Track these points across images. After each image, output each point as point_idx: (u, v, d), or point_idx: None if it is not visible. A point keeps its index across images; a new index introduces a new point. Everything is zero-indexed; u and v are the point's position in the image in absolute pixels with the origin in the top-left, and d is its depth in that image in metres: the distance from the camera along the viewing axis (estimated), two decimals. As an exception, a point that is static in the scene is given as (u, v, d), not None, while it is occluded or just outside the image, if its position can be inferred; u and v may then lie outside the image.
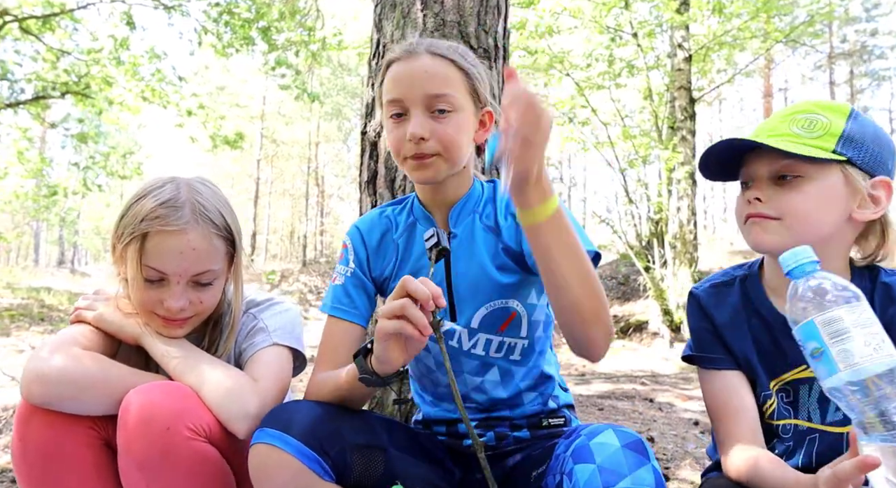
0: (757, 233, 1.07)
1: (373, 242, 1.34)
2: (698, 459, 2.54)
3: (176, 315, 1.20)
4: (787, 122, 1.06)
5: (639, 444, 0.91)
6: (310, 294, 15.79)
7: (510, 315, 1.27)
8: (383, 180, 2.20)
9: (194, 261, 1.17)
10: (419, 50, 1.19)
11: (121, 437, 1.04)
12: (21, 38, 10.45)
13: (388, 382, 1.02)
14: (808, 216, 1.03)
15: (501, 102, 0.89)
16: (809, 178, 1.03)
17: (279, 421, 1.03)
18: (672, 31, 9.20)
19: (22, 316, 8.72)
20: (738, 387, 1.13)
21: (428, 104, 1.16)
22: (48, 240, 33.75)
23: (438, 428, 1.35)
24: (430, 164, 1.18)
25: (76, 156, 12.99)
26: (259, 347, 1.27)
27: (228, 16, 10.09)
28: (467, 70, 1.21)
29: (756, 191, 1.07)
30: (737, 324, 1.14)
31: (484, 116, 1.27)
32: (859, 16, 17.62)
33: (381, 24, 2.35)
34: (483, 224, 1.29)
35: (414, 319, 0.92)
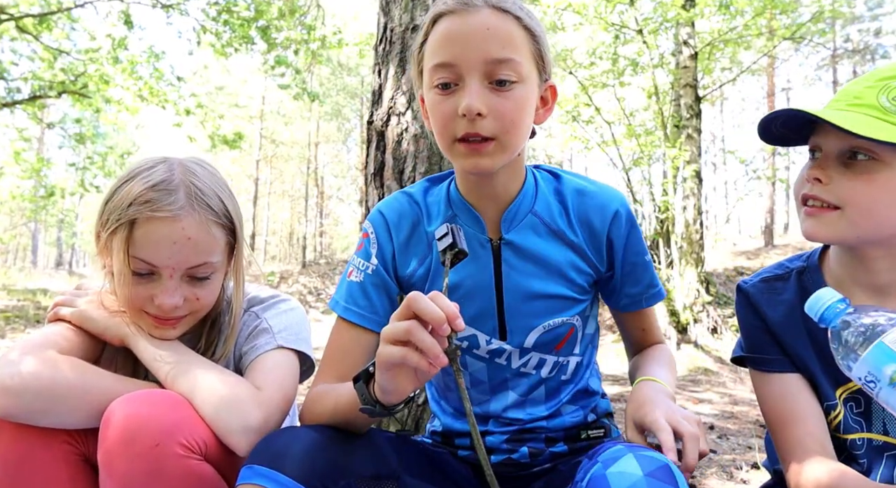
0: (810, 224, 0.93)
1: (402, 235, 1.11)
2: (724, 467, 2.41)
3: (169, 313, 1.05)
4: (876, 88, 0.88)
5: (665, 471, 0.75)
6: (309, 295, 15.67)
7: (568, 332, 1.11)
8: (391, 171, 2.08)
9: (190, 252, 1.02)
10: (477, 2, 0.94)
11: (101, 454, 0.89)
12: (18, 38, 10.36)
13: (394, 412, 0.85)
14: (875, 211, 0.88)
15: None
16: (885, 164, 0.86)
17: (270, 455, 0.85)
18: (678, 28, 9.09)
19: (17, 318, 8.60)
20: (800, 391, 0.99)
21: (488, 72, 0.93)
22: (46, 242, 33.62)
23: (461, 441, 1.18)
24: (487, 153, 0.95)
25: (74, 157, 12.87)
26: (262, 351, 1.11)
27: (227, 14, 10.00)
28: (535, 31, 0.97)
29: (818, 170, 0.91)
30: (793, 323, 1.00)
31: (546, 92, 1.04)
32: (863, 15, 17.53)
33: (388, 7, 2.23)
34: (547, 227, 1.08)
35: (423, 346, 0.74)
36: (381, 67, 2.21)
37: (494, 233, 1.08)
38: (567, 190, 1.10)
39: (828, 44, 16.38)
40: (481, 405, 1.16)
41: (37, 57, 10.65)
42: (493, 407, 1.15)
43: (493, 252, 1.07)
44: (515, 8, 0.96)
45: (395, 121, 2.09)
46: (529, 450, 1.13)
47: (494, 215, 1.08)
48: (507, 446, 1.13)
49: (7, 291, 11.05)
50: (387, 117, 2.12)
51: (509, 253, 1.07)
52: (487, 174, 1.00)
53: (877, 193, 0.87)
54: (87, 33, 10.84)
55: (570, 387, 1.16)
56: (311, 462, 0.85)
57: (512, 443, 1.13)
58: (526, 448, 1.13)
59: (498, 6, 0.94)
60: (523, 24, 0.96)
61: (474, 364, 1.13)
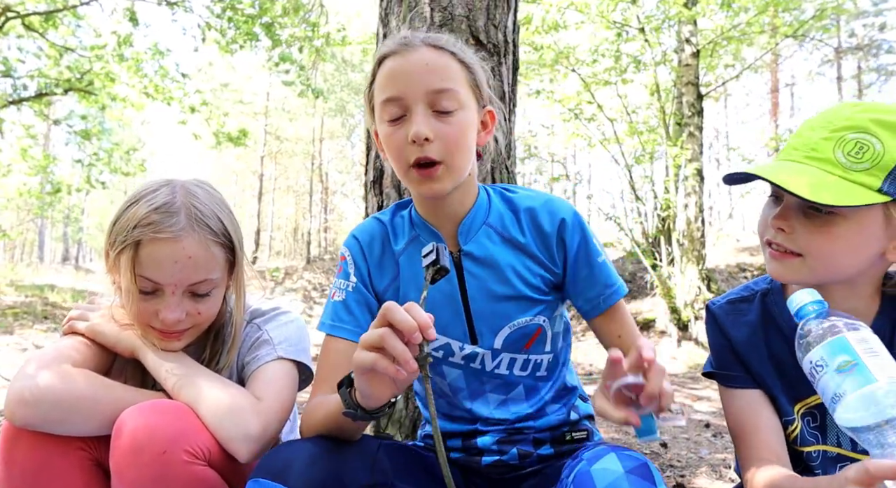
0: (775, 267, 0.98)
1: (374, 255, 1.22)
2: (714, 466, 2.47)
3: (172, 327, 1.13)
4: (833, 141, 0.90)
5: (644, 469, 0.83)
6: (314, 291, 15.75)
7: (535, 331, 1.19)
8: (390, 180, 2.14)
9: (191, 270, 1.10)
10: (415, 42, 1.08)
11: (113, 462, 0.97)
12: (24, 35, 10.43)
13: (376, 416, 0.92)
14: (834, 259, 0.93)
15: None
16: (843, 218, 0.90)
17: (273, 469, 0.91)
18: (680, 26, 9.10)
19: (25, 314, 8.70)
20: (760, 406, 1.06)
21: (431, 101, 1.05)
22: (53, 237, 33.83)
23: (453, 443, 1.26)
24: (437, 177, 1.06)
25: (80, 153, 12.93)
26: (263, 362, 1.19)
27: (231, 11, 10.04)
28: (468, 63, 1.11)
29: (781, 220, 0.95)
30: (755, 343, 1.07)
31: (485, 116, 1.16)
32: (867, 10, 17.44)
33: (386, 18, 2.28)
34: (501, 236, 1.18)
35: (394, 353, 0.79)
36: (380, 77, 2.27)
37: (454, 247, 1.19)
38: (519, 200, 1.21)
39: (831, 39, 16.31)
40: (466, 409, 1.24)
41: (43, 54, 10.72)
42: (476, 410, 1.23)
43: (455, 264, 1.17)
44: (449, 44, 1.10)
45: (394, 130, 2.16)
46: (519, 452, 1.20)
47: (451, 230, 1.18)
48: (496, 447, 1.21)
49: (15, 287, 11.16)
50: (386, 126, 2.18)
51: (469, 262, 1.17)
52: (441, 196, 1.11)
53: (835, 245, 0.92)
54: (93, 30, 10.88)
55: (548, 385, 1.23)
56: (311, 474, 0.91)
57: (501, 444, 1.21)
58: (515, 450, 1.20)
59: (434, 44, 1.08)
60: (458, 58, 1.10)
61: (451, 372, 1.22)
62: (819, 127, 0.94)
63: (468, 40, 2.14)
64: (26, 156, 11.13)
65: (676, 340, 8.37)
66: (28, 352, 5.91)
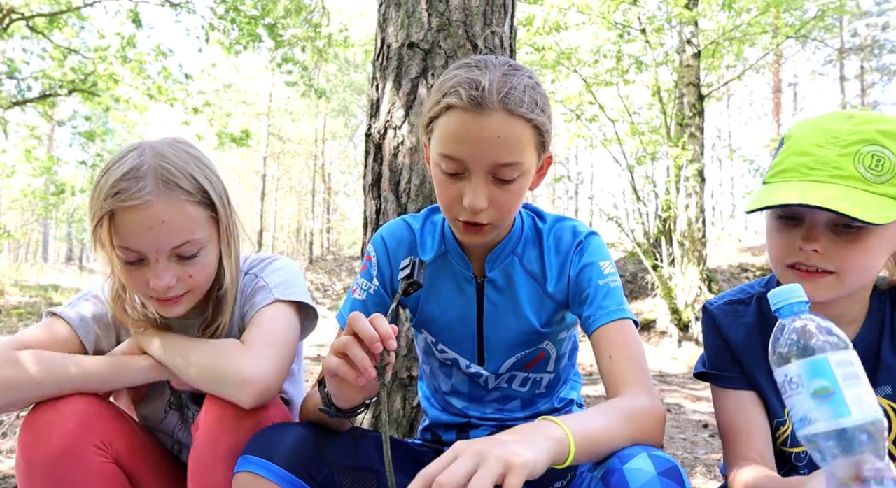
0: (809, 288, 0.91)
1: (400, 260, 1.21)
2: (709, 467, 2.49)
3: (165, 294, 1.09)
4: (851, 155, 0.90)
5: (675, 472, 0.82)
6: (316, 291, 15.79)
7: (539, 354, 1.22)
8: (388, 183, 2.17)
9: (168, 234, 1.05)
10: (492, 103, 0.95)
11: (206, 430, 1.03)
12: (28, 37, 10.49)
13: (350, 416, 0.97)
14: (868, 271, 0.95)
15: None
16: (873, 231, 0.91)
17: (262, 447, 0.98)
18: (681, 27, 9.11)
19: (30, 314, 8.75)
20: (752, 408, 1.07)
21: (494, 172, 0.99)
22: (57, 237, 33.93)
23: (448, 436, 1.30)
24: (484, 233, 1.06)
25: (83, 154, 12.99)
26: (259, 307, 1.19)
27: (234, 13, 10.07)
28: (542, 126, 1.01)
29: (814, 242, 0.93)
30: (752, 344, 1.08)
31: (543, 162, 1.10)
32: (870, 10, 17.41)
33: (384, 24, 2.31)
34: (524, 268, 1.18)
35: (355, 359, 0.85)
36: (378, 82, 2.30)
37: (479, 272, 1.19)
38: (546, 230, 1.20)
39: (834, 39, 16.28)
40: (462, 409, 1.29)
41: (47, 55, 10.77)
42: (472, 412, 1.28)
43: (477, 288, 1.19)
44: (528, 109, 0.98)
45: (392, 134, 2.18)
46: None
47: (481, 255, 1.18)
48: None
49: (19, 287, 11.21)
50: (384, 130, 2.21)
51: (491, 289, 1.18)
52: (483, 244, 1.13)
53: (868, 258, 0.93)
54: (97, 32, 10.93)
55: (545, 400, 1.27)
56: (296, 453, 0.98)
57: None
58: None
59: (511, 110, 0.96)
60: (533, 123, 0.99)
61: (457, 375, 1.27)
62: (827, 143, 0.93)
63: (465, 45, 2.17)
64: (30, 157, 11.17)
65: (677, 341, 8.38)
66: (32, 352, 5.94)
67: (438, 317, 1.21)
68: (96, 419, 1.07)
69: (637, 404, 0.94)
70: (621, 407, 0.93)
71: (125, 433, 1.13)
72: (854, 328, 1.03)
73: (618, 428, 0.88)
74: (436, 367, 1.30)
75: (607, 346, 1.05)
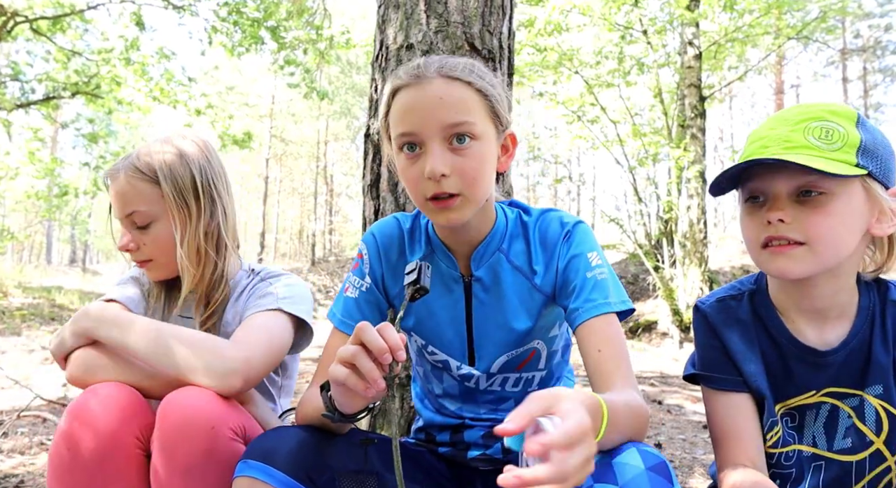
0: (783, 263, 0.97)
1: (391, 259, 1.23)
2: (707, 467, 2.49)
3: (134, 257, 1.36)
4: (800, 130, 0.95)
5: (664, 467, 0.83)
6: (318, 293, 15.82)
7: (530, 353, 1.22)
8: (386, 184, 2.18)
9: (123, 203, 1.32)
10: (429, 73, 1.03)
11: (162, 438, 1.03)
12: (32, 39, 10.54)
13: (352, 421, 0.97)
14: (835, 239, 0.95)
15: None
16: (834, 195, 0.94)
17: (263, 451, 0.97)
18: (682, 29, 9.11)
19: (33, 315, 8.79)
20: (745, 411, 1.06)
21: (447, 136, 1.01)
22: (60, 239, 34.01)
23: (441, 437, 1.30)
24: (455, 208, 1.04)
25: (87, 156, 13.04)
26: (256, 310, 1.27)
27: (237, 15, 10.12)
28: (486, 91, 1.06)
29: (778, 212, 0.96)
30: (748, 344, 1.08)
31: (506, 140, 1.13)
32: (873, 11, 17.38)
33: (384, 25, 2.32)
34: (511, 264, 1.17)
35: (364, 371, 0.84)
36: (377, 83, 2.31)
37: (466, 271, 1.19)
38: (531, 223, 1.20)
39: (836, 41, 16.26)
40: (456, 411, 1.29)
41: (51, 58, 10.82)
42: (465, 413, 1.28)
43: (465, 287, 1.18)
44: (465, 73, 1.04)
45: (391, 135, 2.20)
46: (503, 446, 1.24)
47: (466, 253, 1.18)
48: (482, 441, 1.26)
49: (23, 289, 11.25)
50: (383, 131, 2.22)
51: (478, 288, 1.18)
52: (458, 226, 1.09)
53: (834, 223, 0.94)
54: (100, 34, 10.98)
55: None
56: (298, 457, 0.97)
57: (487, 439, 1.25)
58: (500, 443, 1.24)
59: (448, 74, 1.03)
60: (474, 87, 1.04)
61: (448, 380, 1.26)
62: (777, 125, 0.98)
63: (463, 46, 2.18)
64: (34, 159, 11.22)
65: (678, 342, 8.37)
66: (35, 354, 5.97)
67: (427, 319, 1.21)
68: (139, 410, 1.12)
69: (634, 399, 0.95)
70: (627, 400, 0.92)
71: (153, 426, 1.16)
72: (846, 325, 1.04)
73: (627, 418, 0.88)
74: (428, 370, 1.29)
75: (595, 341, 1.04)
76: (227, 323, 1.36)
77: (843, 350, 1.02)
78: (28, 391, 3.25)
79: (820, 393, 1.04)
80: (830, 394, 1.04)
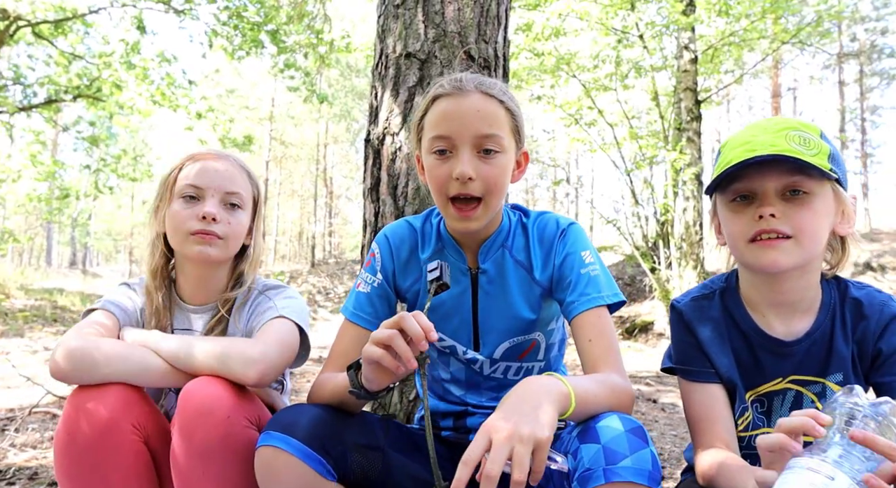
0: (774, 255, 1.06)
1: (401, 257, 1.36)
2: (696, 459, 2.58)
3: (214, 223, 1.38)
4: (782, 137, 1.05)
5: (640, 430, 0.96)
6: (318, 295, 15.89)
7: (531, 344, 1.33)
8: (386, 187, 2.27)
9: (228, 181, 1.41)
10: (469, 87, 1.18)
11: (182, 424, 1.12)
12: (34, 43, 10.63)
13: (376, 397, 1.08)
14: (816, 233, 1.06)
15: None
16: (815, 194, 1.05)
17: (283, 424, 1.07)
18: (678, 33, 9.21)
19: (35, 317, 8.85)
20: (718, 399, 1.16)
21: (477, 144, 1.17)
22: (60, 242, 34.08)
23: (445, 422, 1.40)
24: (475, 217, 1.19)
25: (87, 159, 13.12)
26: (266, 319, 1.35)
27: (237, 19, 10.20)
28: (514, 111, 1.22)
29: (770, 207, 1.05)
30: (719, 338, 1.18)
31: (520, 156, 1.27)
32: (869, 14, 17.51)
33: (383, 35, 2.41)
34: (513, 259, 1.31)
35: (400, 351, 0.96)
36: (377, 90, 2.40)
37: (473, 264, 1.32)
38: (530, 223, 1.34)
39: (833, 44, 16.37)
40: (460, 396, 1.40)
41: (52, 61, 10.89)
42: (469, 399, 1.39)
43: (472, 279, 1.32)
44: (499, 92, 1.20)
45: (390, 140, 2.28)
46: None
47: (474, 248, 1.31)
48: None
49: (24, 291, 11.32)
50: (382, 136, 2.31)
51: (484, 280, 1.31)
52: (475, 232, 1.24)
53: (817, 219, 1.05)
54: (102, 38, 11.05)
55: None
56: (315, 430, 1.08)
57: None
58: None
59: (485, 91, 1.19)
60: (505, 106, 1.20)
61: (455, 364, 1.38)
62: (759, 133, 1.08)
63: (460, 55, 2.27)
64: (35, 161, 11.28)
65: (676, 343, 8.43)
66: (39, 355, 6.04)
67: (436, 307, 1.32)
68: (134, 402, 1.21)
69: (616, 381, 1.08)
70: (604, 379, 1.07)
71: (153, 417, 1.26)
72: (809, 318, 1.13)
73: (602, 394, 1.02)
74: (434, 357, 1.40)
75: (588, 331, 1.17)
76: (231, 334, 1.44)
77: (806, 341, 1.12)
78: (36, 390, 3.33)
79: (786, 380, 1.14)
80: (795, 382, 1.14)
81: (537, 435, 0.84)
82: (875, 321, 1.10)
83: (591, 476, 0.92)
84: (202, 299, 1.46)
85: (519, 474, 0.81)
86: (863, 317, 1.11)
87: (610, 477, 0.90)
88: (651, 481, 0.91)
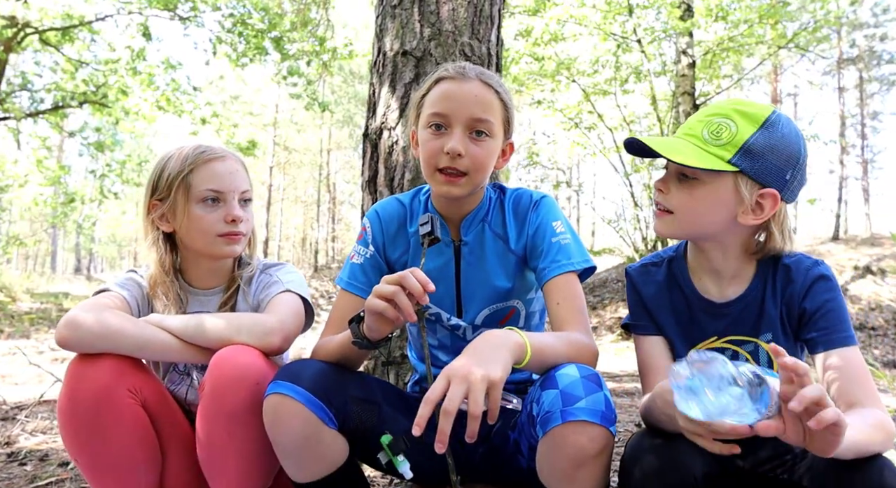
0: (656, 224, 1.25)
1: (390, 230, 1.47)
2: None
3: (241, 222, 1.46)
4: (703, 123, 1.16)
5: (595, 377, 1.07)
6: (321, 298, 15.97)
7: (510, 311, 1.44)
8: (383, 179, 2.36)
9: (239, 180, 1.48)
10: (470, 74, 1.30)
11: (212, 388, 1.20)
12: (41, 50, 10.78)
13: (377, 346, 1.18)
14: (696, 215, 1.18)
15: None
16: (703, 182, 1.16)
17: (290, 374, 1.17)
18: (676, 38, 9.31)
19: (41, 319, 8.96)
20: (661, 350, 1.29)
21: (470, 125, 1.28)
22: (65, 248, 34.28)
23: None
24: (459, 185, 1.30)
25: (93, 165, 13.28)
26: (273, 294, 1.44)
27: (242, 26, 10.34)
28: (507, 103, 1.35)
29: (661, 183, 1.23)
30: (660, 299, 1.31)
31: (507, 146, 1.40)
32: (868, 21, 17.63)
33: (381, 34, 2.51)
34: (492, 231, 1.42)
35: (401, 305, 1.07)
36: (375, 86, 2.49)
37: (456, 236, 1.43)
38: (506, 198, 1.46)
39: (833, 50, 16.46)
40: (448, 362, 1.46)
41: (59, 68, 11.04)
42: None
43: (455, 250, 1.43)
44: (496, 84, 1.33)
45: (387, 134, 2.37)
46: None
47: (457, 222, 1.43)
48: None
49: (30, 294, 11.44)
50: (379, 131, 2.40)
51: (466, 251, 1.42)
52: (456, 199, 1.35)
53: (695, 204, 1.17)
54: (107, 45, 11.19)
55: None
56: (320, 381, 1.18)
57: None
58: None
59: (485, 81, 1.31)
60: (500, 97, 1.33)
61: (441, 331, 1.49)
62: (701, 112, 1.21)
63: (455, 53, 2.37)
64: (41, 167, 11.42)
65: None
66: (43, 355, 6.14)
67: None
68: (129, 369, 1.28)
69: (577, 337, 1.20)
70: (565, 336, 1.20)
71: (151, 384, 1.34)
72: (742, 284, 1.25)
73: (561, 346, 1.14)
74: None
75: (557, 294, 1.30)
76: (239, 310, 1.52)
77: (738, 304, 1.24)
78: (42, 386, 3.41)
79: (722, 339, 1.26)
80: (731, 342, 1.26)
81: (491, 375, 0.94)
82: (800, 283, 1.20)
83: (550, 417, 1.03)
84: (211, 283, 1.53)
85: (474, 408, 0.91)
86: (790, 281, 1.21)
87: (566, 417, 1.01)
88: (604, 420, 1.02)
